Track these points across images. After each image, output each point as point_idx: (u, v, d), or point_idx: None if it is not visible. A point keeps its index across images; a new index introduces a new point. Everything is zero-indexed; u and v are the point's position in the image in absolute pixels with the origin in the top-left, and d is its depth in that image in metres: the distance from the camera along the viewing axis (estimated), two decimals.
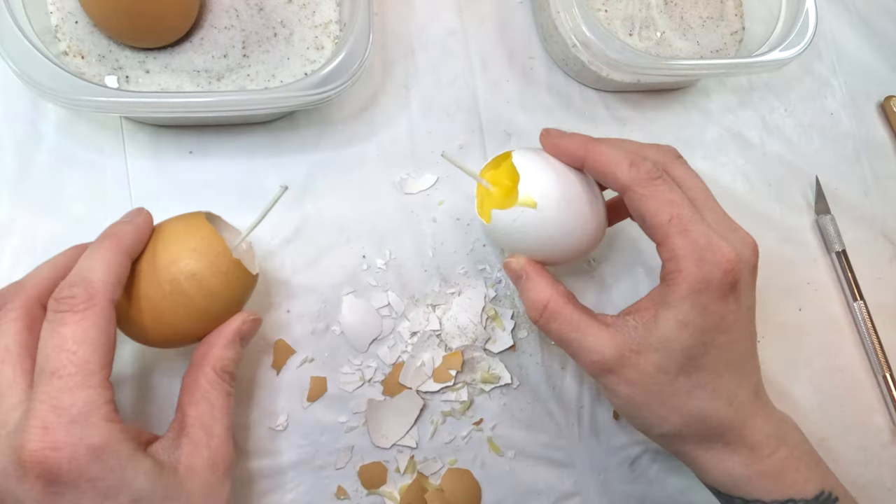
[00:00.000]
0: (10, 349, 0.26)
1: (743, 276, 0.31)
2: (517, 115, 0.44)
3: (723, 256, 0.30)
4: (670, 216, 0.31)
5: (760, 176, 0.48)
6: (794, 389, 0.36)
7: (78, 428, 0.25)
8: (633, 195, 0.32)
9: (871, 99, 0.52)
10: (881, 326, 0.46)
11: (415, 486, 0.37)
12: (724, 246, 0.30)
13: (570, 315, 0.32)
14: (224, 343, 0.31)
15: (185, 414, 0.30)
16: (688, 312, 0.30)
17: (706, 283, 0.30)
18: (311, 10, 0.40)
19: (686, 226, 0.31)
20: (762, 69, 0.43)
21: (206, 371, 0.31)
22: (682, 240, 0.30)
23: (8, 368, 0.26)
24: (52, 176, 0.37)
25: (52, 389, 0.25)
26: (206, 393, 0.30)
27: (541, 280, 0.34)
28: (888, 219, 0.49)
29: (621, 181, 0.32)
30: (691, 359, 0.31)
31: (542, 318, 0.33)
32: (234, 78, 0.37)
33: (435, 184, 0.41)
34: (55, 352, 0.25)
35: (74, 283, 0.27)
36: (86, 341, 0.26)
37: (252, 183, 0.39)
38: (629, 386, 0.32)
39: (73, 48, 0.36)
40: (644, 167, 0.32)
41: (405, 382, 0.38)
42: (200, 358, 0.31)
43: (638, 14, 0.45)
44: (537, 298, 0.33)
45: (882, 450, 0.45)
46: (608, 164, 0.32)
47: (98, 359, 0.26)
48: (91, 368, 0.26)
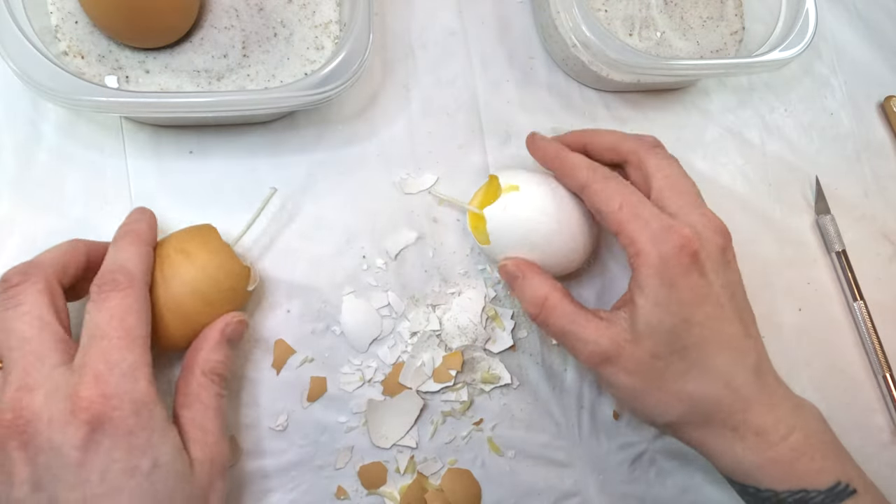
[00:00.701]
0: (45, 318, 0.28)
1: (705, 252, 0.32)
2: (517, 115, 0.44)
3: (676, 233, 0.32)
4: (620, 204, 0.33)
5: (760, 176, 0.48)
6: (794, 389, 0.36)
7: (126, 381, 0.28)
8: (589, 192, 0.34)
9: (871, 99, 0.52)
10: (881, 326, 0.46)
11: (415, 486, 0.37)
12: (676, 224, 0.32)
13: (567, 309, 0.34)
14: (210, 346, 0.32)
15: (179, 416, 0.31)
16: (658, 291, 0.32)
17: (665, 260, 0.31)
18: (311, 10, 0.40)
19: (636, 210, 0.32)
20: (762, 69, 0.43)
21: (195, 374, 0.32)
22: (634, 223, 0.32)
23: (47, 335, 0.28)
24: (52, 176, 0.37)
25: (102, 349, 0.28)
26: (196, 395, 0.32)
27: (536, 277, 0.35)
28: (888, 219, 0.49)
29: (580, 181, 0.35)
30: (677, 337, 0.32)
31: (542, 313, 0.35)
32: (234, 78, 0.37)
33: (435, 184, 0.41)
34: (104, 320, 0.28)
35: (113, 270, 0.30)
36: (130, 312, 0.29)
37: (252, 183, 0.39)
38: (628, 375, 0.33)
39: (73, 48, 0.36)
40: (600, 170, 0.35)
41: (405, 382, 0.38)
42: (189, 362, 0.32)
43: (638, 14, 0.45)
44: (535, 294, 0.35)
45: (882, 450, 0.45)
46: (570, 169, 0.35)
47: (141, 327, 0.29)
48: (136, 334, 0.29)
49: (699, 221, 0.33)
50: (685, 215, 0.33)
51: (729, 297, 0.33)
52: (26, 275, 0.29)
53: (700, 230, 0.32)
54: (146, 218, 0.34)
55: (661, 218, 0.32)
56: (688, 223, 0.32)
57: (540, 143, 0.38)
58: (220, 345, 0.32)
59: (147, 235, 0.33)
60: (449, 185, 0.41)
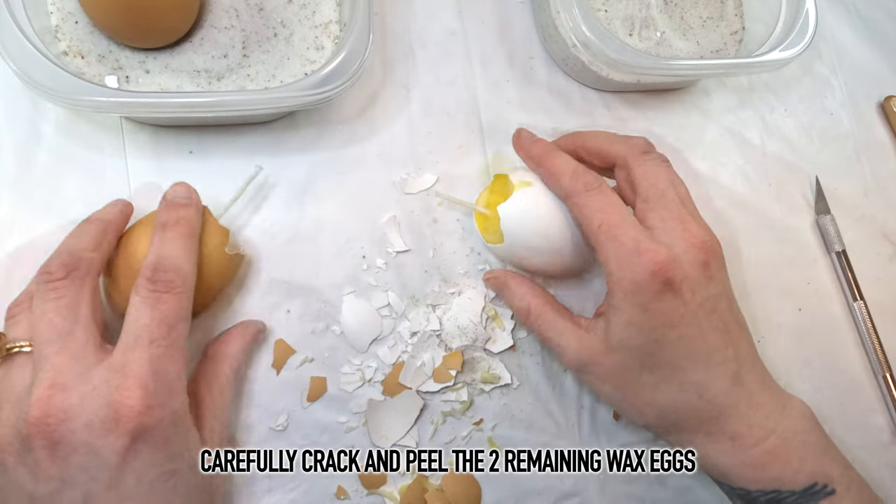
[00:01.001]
0: (83, 315, 0.29)
1: (681, 273, 0.31)
2: (517, 115, 0.44)
3: (650, 258, 0.31)
4: (600, 223, 0.33)
5: (760, 176, 0.48)
6: (794, 389, 0.36)
7: (168, 392, 0.28)
8: (571, 204, 0.34)
9: (871, 99, 0.52)
10: (881, 326, 0.46)
11: (415, 486, 0.37)
12: (652, 248, 0.31)
13: (549, 317, 0.35)
14: (243, 346, 0.34)
15: (202, 403, 0.32)
16: (630, 313, 0.32)
17: (637, 284, 0.31)
18: (311, 10, 0.40)
19: (614, 231, 0.32)
20: (762, 69, 0.43)
21: (224, 368, 0.33)
22: (610, 245, 0.32)
23: (83, 332, 0.28)
24: (52, 176, 0.37)
25: (150, 356, 0.28)
26: (222, 387, 0.33)
27: (521, 286, 0.37)
28: (888, 219, 0.49)
29: (563, 189, 0.34)
30: (648, 355, 0.32)
31: (529, 320, 0.36)
32: (234, 78, 0.37)
33: (435, 184, 0.41)
34: (156, 324, 0.28)
35: (167, 268, 0.29)
36: (181, 319, 0.29)
37: (252, 183, 0.39)
38: (603, 383, 0.34)
39: (73, 48, 0.36)
40: (583, 179, 0.34)
41: (405, 382, 0.38)
42: (220, 354, 0.34)
43: (638, 14, 0.45)
44: (521, 302, 0.37)
45: (882, 450, 0.45)
46: (555, 174, 0.35)
47: (185, 333, 0.30)
48: (181, 344, 0.29)
49: (680, 237, 0.32)
50: (667, 231, 0.32)
51: (708, 312, 0.32)
52: (70, 268, 0.29)
53: (678, 250, 0.32)
54: (195, 201, 0.33)
55: (638, 240, 0.32)
56: (666, 242, 0.32)
57: (525, 141, 0.37)
58: (249, 347, 0.34)
59: (197, 226, 0.32)
60: (449, 185, 0.41)
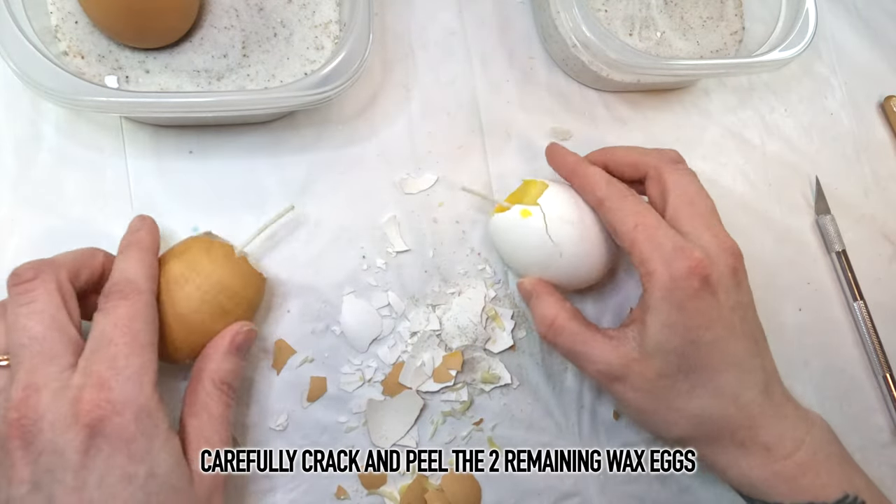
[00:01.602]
0: (57, 317, 0.28)
1: (716, 274, 0.32)
2: (517, 115, 0.44)
3: (687, 255, 0.32)
4: (635, 223, 0.33)
5: (760, 176, 0.48)
6: (794, 389, 0.36)
7: (130, 387, 0.28)
8: (605, 209, 0.35)
9: (871, 99, 0.52)
10: (881, 326, 0.46)
11: (415, 486, 0.37)
12: (688, 247, 0.32)
13: (575, 329, 0.35)
14: (220, 355, 0.32)
15: (186, 424, 0.31)
16: (668, 312, 0.32)
17: (675, 282, 0.32)
18: (311, 10, 0.40)
19: (650, 231, 0.33)
20: (762, 69, 0.43)
21: (204, 383, 0.32)
22: (647, 244, 0.32)
23: (58, 334, 0.28)
24: (52, 176, 0.37)
25: (108, 354, 0.28)
26: (204, 405, 0.31)
27: (549, 298, 0.36)
28: (888, 219, 0.49)
29: (597, 196, 0.35)
30: (685, 358, 0.32)
31: (550, 332, 0.35)
32: (234, 78, 0.37)
33: (435, 184, 0.41)
34: (111, 327, 0.28)
35: (118, 281, 0.30)
36: (137, 318, 0.29)
37: (252, 183, 0.39)
38: (636, 392, 0.33)
39: (73, 48, 0.36)
40: (618, 186, 0.35)
41: (405, 382, 0.38)
42: (199, 371, 0.32)
43: (638, 14, 0.45)
44: (545, 314, 0.36)
45: (882, 450, 0.45)
46: (588, 183, 0.36)
47: (147, 334, 0.29)
48: (142, 339, 0.29)
49: (711, 242, 0.33)
50: (698, 235, 0.33)
51: (740, 318, 0.33)
52: (38, 271, 0.29)
53: (712, 252, 0.32)
54: (146, 225, 0.34)
55: (674, 240, 0.32)
56: (700, 245, 0.32)
57: (559, 153, 0.38)
58: (230, 354, 0.32)
59: (148, 243, 0.33)
60: (449, 185, 0.41)
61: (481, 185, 0.42)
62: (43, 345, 0.28)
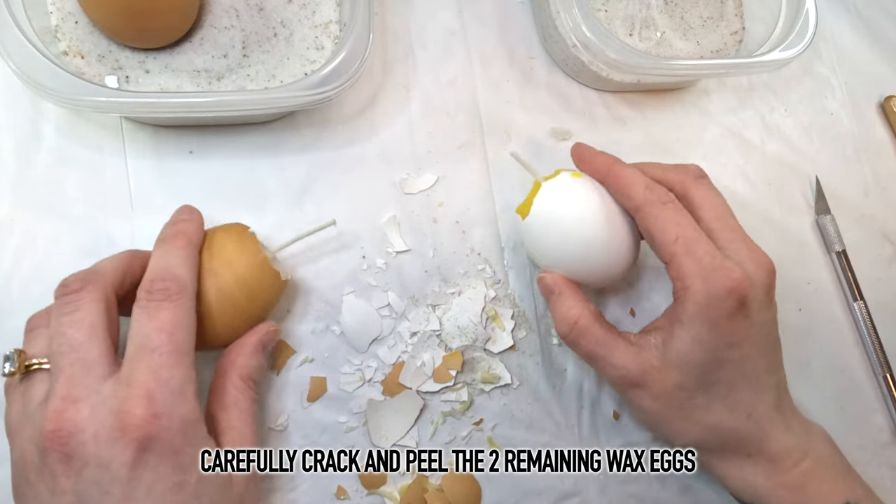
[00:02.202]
0: (96, 327, 0.28)
1: (752, 294, 0.32)
2: (517, 115, 0.44)
3: (728, 275, 0.31)
4: (676, 236, 0.32)
5: (760, 176, 0.48)
6: (794, 389, 0.36)
7: (175, 400, 0.27)
8: (644, 214, 0.34)
9: (871, 99, 0.52)
10: (881, 326, 0.46)
11: (415, 486, 0.37)
12: (729, 265, 0.31)
13: (598, 333, 0.34)
14: (249, 352, 0.33)
15: (217, 419, 0.31)
16: (699, 330, 0.31)
17: (712, 301, 0.31)
18: (311, 10, 0.40)
19: (691, 245, 0.32)
20: (762, 69, 0.43)
21: (233, 379, 0.32)
22: (687, 259, 0.32)
23: (96, 344, 0.28)
24: (52, 176, 0.37)
25: (153, 364, 0.27)
26: (234, 400, 0.32)
27: (572, 296, 0.35)
28: (888, 219, 0.49)
29: (635, 201, 0.34)
30: (707, 374, 0.32)
31: (572, 334, 0.34)
32: (234, 78, 0.37)
33: (435, 184, 0.41)
34: (155, 332, 0.28)
35: (164, 277, 0.29)
36: (181, 326, 0.29)
37: (252, 183, 0.39)
38: (653, 400, 0.33)
39: (73, 48, 0.36)
40: (657, 191, 0.34)
41: (405, 382, 0.38)
42: (227, 366, 0.33)
43: (638, 14, 0.45)
44: (568, 314, 0.35)
45: (882, 450, 0.45)
46: (626, 185, 0.34)
47: (189, 342, 0.29)
48: (185, 349, 0.28)
49: (749, 259, 0.33)
50: (735, 251, 0.33)
51: (765, 335, 0.33)
52: (85, 282, 0.29)
53: (751, 270, 0.32)
54: (195, 218, 0.33)
55: (715, 256, 0.32)
56: (739, 262, 0.32)
57: (588, 154, 0.37)
58: (257, 352, 0.33)
59: (196, 238, 0.32)
60: (449, 185, 0.41)
61: (481, 184, 0.42)
62: (81, 353, 0.28)
